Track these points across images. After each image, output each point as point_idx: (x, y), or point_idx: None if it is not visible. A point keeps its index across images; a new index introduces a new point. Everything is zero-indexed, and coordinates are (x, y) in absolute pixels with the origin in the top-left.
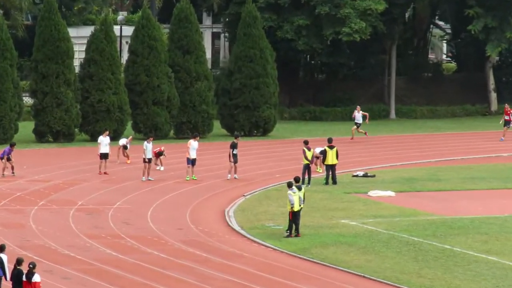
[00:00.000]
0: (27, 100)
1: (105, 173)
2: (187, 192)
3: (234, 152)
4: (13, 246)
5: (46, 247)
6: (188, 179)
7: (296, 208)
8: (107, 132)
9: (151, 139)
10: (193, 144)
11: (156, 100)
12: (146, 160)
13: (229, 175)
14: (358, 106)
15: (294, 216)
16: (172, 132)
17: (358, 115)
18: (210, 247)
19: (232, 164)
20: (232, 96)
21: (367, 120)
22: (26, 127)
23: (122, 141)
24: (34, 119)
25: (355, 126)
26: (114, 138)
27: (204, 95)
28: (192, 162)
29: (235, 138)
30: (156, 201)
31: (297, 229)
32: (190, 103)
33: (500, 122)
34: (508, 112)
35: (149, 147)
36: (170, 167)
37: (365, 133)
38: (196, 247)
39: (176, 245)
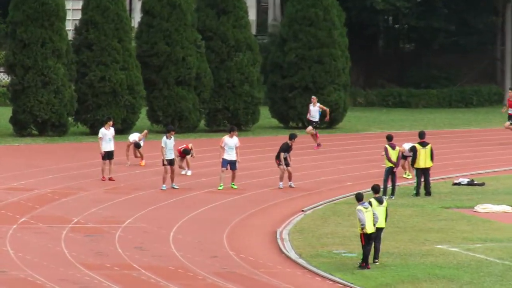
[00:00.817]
0: (2, 77)
1: (110, 179)
2: (224, 206)
3: (285, 155)
4: None
5: (28, 281)
6: (221, 188)
7: (369, 230)
8: (111, 123)
9: (173, 133)
10: (229, 142)
11: (180, 79)
12: (166, 162)
13: (281, 183)
14: (313, 97)
15: (368, 241)
16: (203, 122)
17: (314, 109)
18: (255, 283)
19: (284, 167)
20: (285, 73)
21: (327, 118)
22: (1, 115)
23: (134, 137)
24: (11, 104)
25: (310, 127)
26: (123, 131)
27: (247, 71)
28: (229, 164)
29: (290, 139)
30: (181, 219)
31: (375, 256)
32: (228, 83)
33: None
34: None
35: (169, 144)
36: (200, 171)
37: (316, 136)
38: (237, 283)
39: (209, 279)
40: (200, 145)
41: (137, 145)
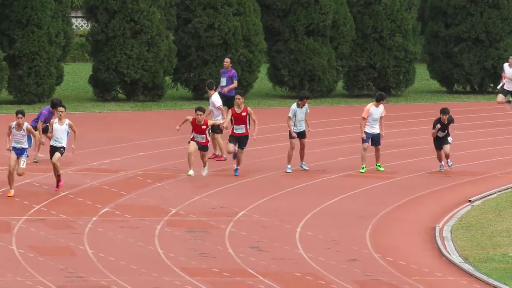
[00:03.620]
0: (80, 24)
1: (216, 156)
2: (367, 194)
3: (439, 134)
4: (51, 286)
5: None
6: (363, 170)
7: None
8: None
9: (306, 101)
10: (374, 111)
11: (312, 27)
12: (295, 135)
13: (442, 164)
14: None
15: None
16: (340, 84)
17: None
18: None
19: (445, 146)
20: (449, 20)
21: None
22: (77, 72)
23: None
24: (91, 59)
25: (501, 96)
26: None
27: (399, 18)
28: (372, 140)
29: (444, 114)
30: (310, 210)
31: None
32: (374, 33)
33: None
34: None
35: (300, 115)
36: (335, 148)
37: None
38: None
39: None
40: (337, 114)
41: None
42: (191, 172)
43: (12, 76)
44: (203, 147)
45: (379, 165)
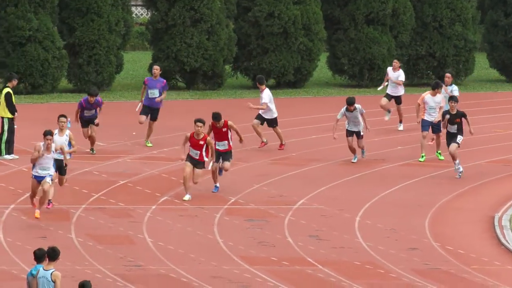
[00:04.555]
0: (140, 12)
1: (279, 146)
2: (426, 183)
3: (450, 129)
4: (112, 277)
5: (170, 278)
6: (422, 159)
7: None
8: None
9: (353, 107)
10: (429, 100)
11: (372, 16)
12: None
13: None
14: None
15: None
16: None
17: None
18: (466, 283)
19: (451, 145)
20: (510, 9)
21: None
22: (136, 61)
23: None
24: (151, 48)
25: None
26: (295, 83)
27: (459, 7)
28: (432, 127)
29: (453, 100)
30: (369, 199)
31: None
32: (434, 22)
33: None
34: None
35: (351, 117)
36: (395, 137)
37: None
38: (442, 282)
39: (405, 278)
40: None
41: None
42: (187, 197)
43: (72, 65)
44: (197, 164)
45: (439, 153)
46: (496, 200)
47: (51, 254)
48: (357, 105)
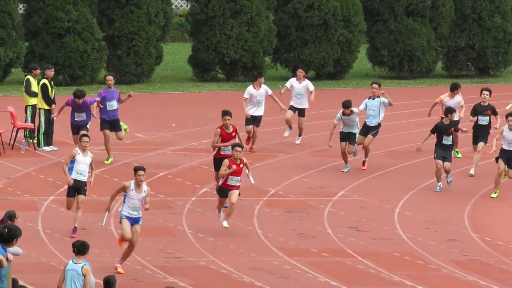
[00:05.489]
0: (179, 4)
1: (250, 147)
2: (464, 174)
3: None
4: (152, 269)
5: (210, 270)
6: (458, 155)
7: None
8: (263, 80)
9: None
10: (447, 102)
11: (411, 8)
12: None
13: (439, 185)
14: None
15: None
16: (439, 65)
17: None
18: (505, 275)
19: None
20: None
21: None
22: (176, 52)
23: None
24: (190, 39)
25: None
26: (335, 75)
27: None
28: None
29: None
30: (409, 190)
31: None
32: (473, 14)
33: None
34: None
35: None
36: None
37: None
38: (481, 274)
39: (445, 269)
40: (437, 94)
41: None
42: (224, 223)
43: (111, 56)
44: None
45: (457, 151)
46: None
47: (80, 248)
48: (353, 109)
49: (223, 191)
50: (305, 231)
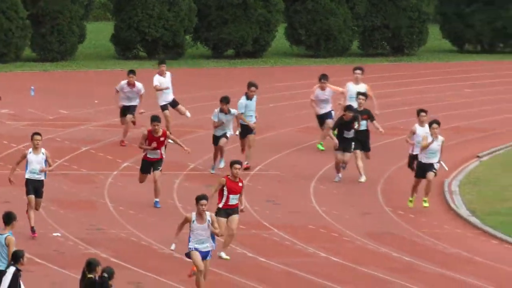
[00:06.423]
0: None
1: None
2: (378, 151)
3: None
4: (74, 240)
5: (131, 241)
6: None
7: None
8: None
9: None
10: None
11: None
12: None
13: (338, 176)
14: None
15: None
16: (355, 44)
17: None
18: (416, 246)
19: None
20: None
21: None
22: (99, 31)
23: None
24: (113, 18)
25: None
26: (255, 54)
27: None
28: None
29: (348, 110)
30: (325, 165)
31: None
32: None
33: None
34: None
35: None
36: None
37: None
38: (393, 246)
39: (358, 241)
40: (352, 72)
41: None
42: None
43: (35, 35)
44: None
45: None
46: (446, 166)
47: (5, 219)
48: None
49: (226, 212)
50: None
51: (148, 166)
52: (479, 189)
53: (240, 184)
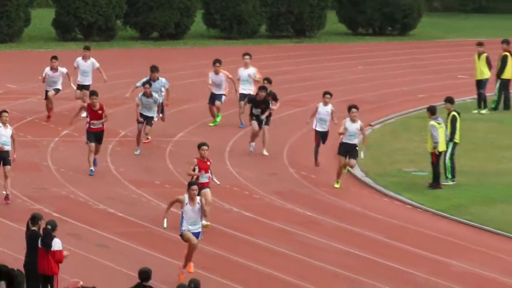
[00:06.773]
0: None
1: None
2: (283, 121)
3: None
4: (21, 198)
5: (70, 198)
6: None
7: (441, 148)
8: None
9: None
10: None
11: None
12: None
13: (253, 144)
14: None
15: (438, 160)
16: (263, 27)
17: None
18: (317, 202)
19: (255, 127)
20: None
21: None
22: (42, 17)
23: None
24: (54, 5)
25: None
26: (176, 36)
27: None
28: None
29: (260, 90)
30: (238, 132)
31: (453, 175)
32: None
33: None
34: None
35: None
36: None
37: None
38: (297, 203)
39: (267, 198)
40: (260, 52)
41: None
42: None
43: None
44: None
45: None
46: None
47: None
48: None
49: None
50: (150, 166)
51: (92, 136)
52: (371, 153)
53: (208, 163)
